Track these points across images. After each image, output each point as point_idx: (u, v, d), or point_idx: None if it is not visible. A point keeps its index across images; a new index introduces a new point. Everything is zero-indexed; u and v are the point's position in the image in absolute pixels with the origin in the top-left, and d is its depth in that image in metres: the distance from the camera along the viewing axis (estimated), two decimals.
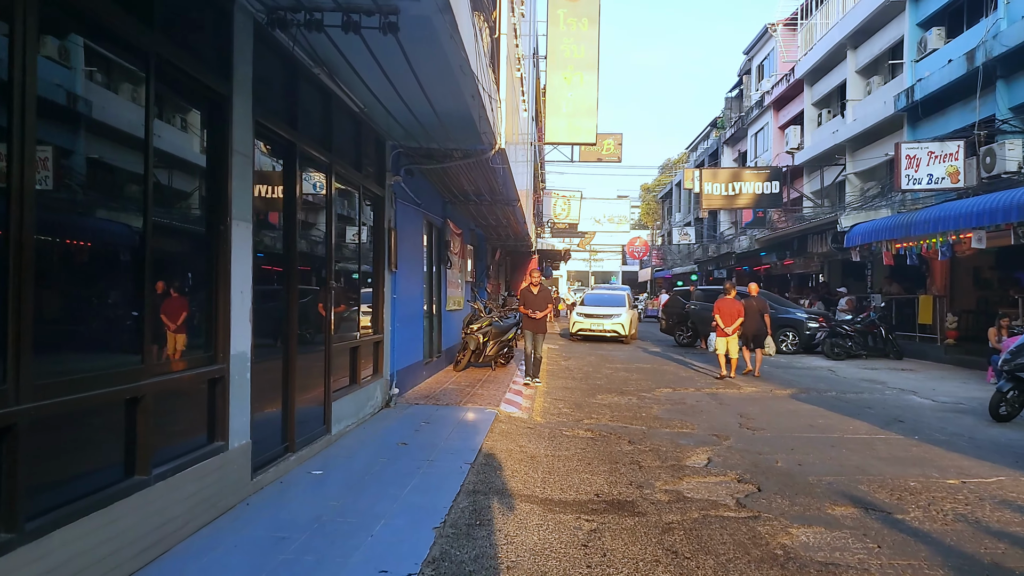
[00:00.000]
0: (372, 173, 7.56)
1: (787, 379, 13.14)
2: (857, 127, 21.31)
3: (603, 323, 20.47)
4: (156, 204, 3.54)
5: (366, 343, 7.26)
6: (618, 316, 20.51)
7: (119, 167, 3.55)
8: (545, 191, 32.12)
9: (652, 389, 11.29)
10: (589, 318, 20.72)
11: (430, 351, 10.98)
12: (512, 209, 12.90)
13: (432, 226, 11.21)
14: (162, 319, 3.74)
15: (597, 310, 20.98)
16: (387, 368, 7.96)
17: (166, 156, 3.88)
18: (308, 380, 5.66)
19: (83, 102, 3.26)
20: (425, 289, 10.88)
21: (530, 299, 10.79)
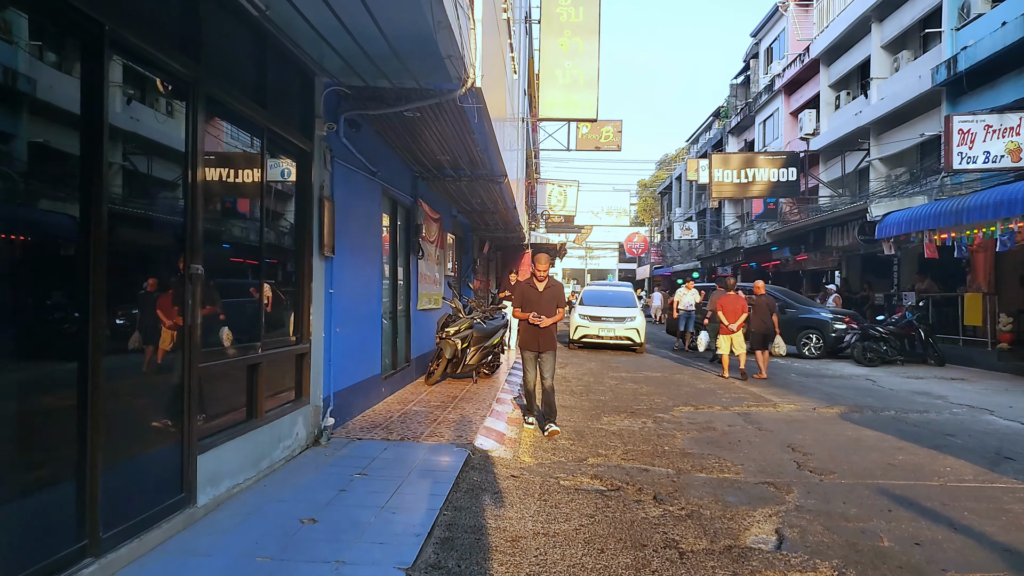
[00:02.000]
0: (291, 117, 5.40)
1: (824, 391, 11.03)
2: (884, 107, 19.22)
3: (613, 328, 16.44)
4: None
5: (277, 357, 5.10)
6: (631, 320, 16.50)
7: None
8: (539, 181, 29.98)
9: (669, 407, 9.16)
10: (595, 321, 16.53)
11: (394, 361, 8.81)
12: (499, 189, 10.74)
13: (398, 205, 9.03)
14: None
15: (604, 311, 16.79)
16: (317, 390, 5.79)
17: None
18: (143, 422, 3.50)
19: None
20: (387, 283, 8.71)
21: (532, 299, 7.15)
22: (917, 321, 15.26)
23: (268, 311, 5.09)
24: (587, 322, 16.67)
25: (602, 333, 16.42)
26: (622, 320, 16.51)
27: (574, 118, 15.67)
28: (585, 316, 16.84)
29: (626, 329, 16.35)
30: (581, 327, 16.76)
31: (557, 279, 7.38)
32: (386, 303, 8.59)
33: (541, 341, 7.14)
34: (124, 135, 3.36)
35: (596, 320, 16.59)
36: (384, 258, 8.21)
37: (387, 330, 8.57)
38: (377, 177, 7.69)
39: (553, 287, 7.30)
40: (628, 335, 16.34)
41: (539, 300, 7.15)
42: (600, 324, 16.52)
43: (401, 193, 9.04)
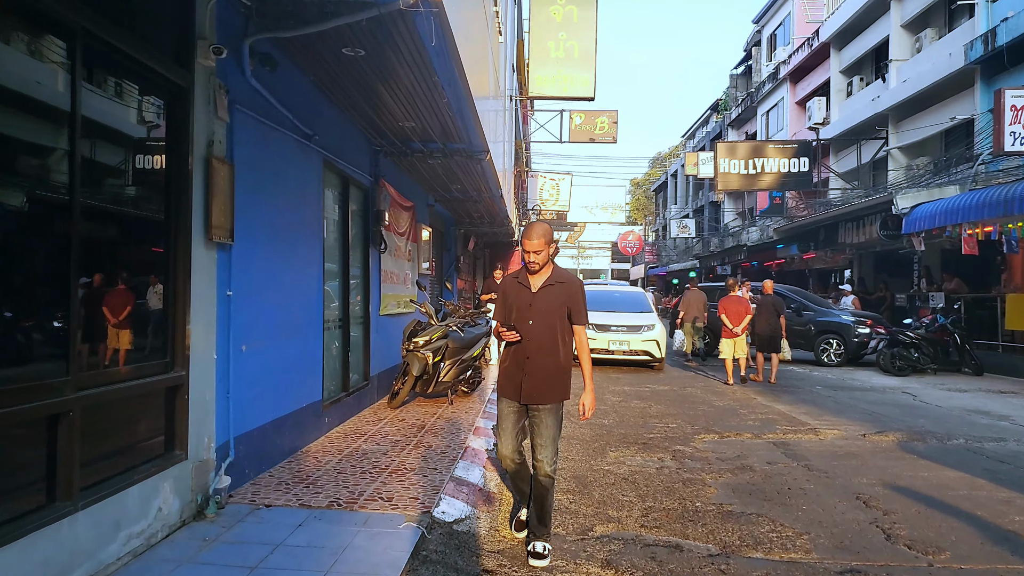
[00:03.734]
0: (153, 33, 3.60)
1: (863, 409, 9.34)
2: (906, 90, 17.58)
3: (627, 340, 13.00)
4: None
5: (117, 396, 3.30)
6: (648, 329, 13.12)
7: None
8: (530, 174, 28.24)
9: (688, 435, 7.41)
10: (602, 331, 13.03)
11: (344, 382, 7.01)
12: (480, 169, 8.97)
13: (350, 184, 7.23)
14: None
15: (613, 318, 13.32)
16: (203, 437, 4.00)
17: None
18: None
19: None
20: (335, 283, 6.92)
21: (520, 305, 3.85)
22: (951, 325, 13.61)
23: (111, 323, 3.30)
24: (591, 332, 12.59)
25: (612, 347, 12.91)
26: (637, 330, 13.01)
27: (568, 96, 13.89)
28: (591, 325, 13.92)
29: (643, 341, 12.92)
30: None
31: (569, 272, 4.06)
32: (333, 308, 6.79)
33: (536, 385, 3.77)
34: None
35: (603, 329, 12.98)
36: (326, 250, 6.41)
37: (334, 342, 6.77)
38: (315, 143, 5.89)
39: (563, 285, 3.86)
40: (646, 348, 12.92)
41: (533, 307, 3.79)
42: (609, 335, 12.95)
43: (354, 170, 7.24)
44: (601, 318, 13.13)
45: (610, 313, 13.52)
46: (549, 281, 3.86)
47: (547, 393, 3.82)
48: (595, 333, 12.77)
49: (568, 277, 3.97)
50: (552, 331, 3.83)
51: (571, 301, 3.90)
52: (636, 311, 13.85)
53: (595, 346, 12.58)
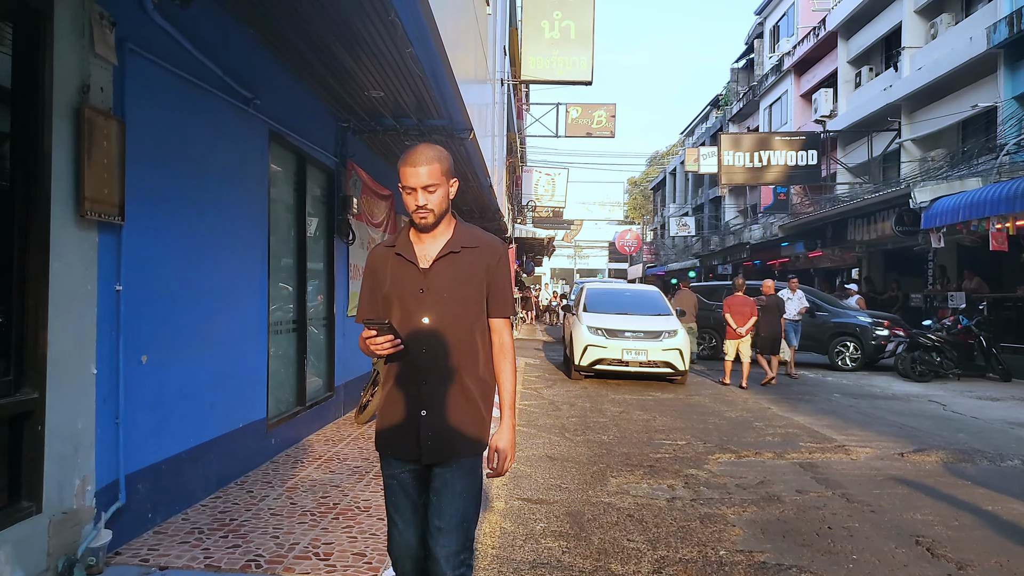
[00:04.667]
0: None
1: (892, 421, 8.38)
2: (921, 78, 16.64)
3: (645, 348, 10.68)
4: None
5: None
6: (670, 336, 10.86)
7: None
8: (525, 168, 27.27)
9: (700, 454, 6.43)
10: (614, 338, 10.79)
11: (299, 394, 6.01)
12: (464, 151, 7.97)
13: (308, 164, 6.22)
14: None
15: (626, 322, 11.12)
16: (72, 479, 2.99)
17: None
18: None
19: None
20: (293, 280, 5.93)
21: (404, 284, 2.25)
22: (977, 327, 12.66)
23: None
24: (601, 339, 10.77)
25: (628, 356, 10.65)
26: (656, 336, 10.78)
27: (563, 80, 12.91)
28: (597, 330, 10.88)
29: (664, 351, 10.66)
30: (593, 347, 10.76)
31: (484, 232, 2.40)
32: (285, 308, 5.79)
33: (441, 430, 2.24)
34: None
35: (615, 336, 10.79)
36: (274, 240, 5.40)
37: (286, 348, 5.77)
38: (258, 111, 4.90)
39: (474, 251, 2.28)
40: (667, 359, 10.66)
41: (427, 292, 2.23)
42: (623, 343, 10.70)
43: (315, 147, 6.24)
44: (612, 322, 11.08)
45: (623, 316, 11.40)
46: (451, 247, 2.25)
47: (458, 441, 2.24)
48: (606, 340, 10.73)
49: (484, 239, 2.35)
50: (463, 331, 2.25)
51: (491, 277, 2.28)
52: (653, 314, 11.72)
53: (606, 355, 10.67)
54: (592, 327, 10.95)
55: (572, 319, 12.26)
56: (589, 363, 10.81)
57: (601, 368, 10.87)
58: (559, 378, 11.74)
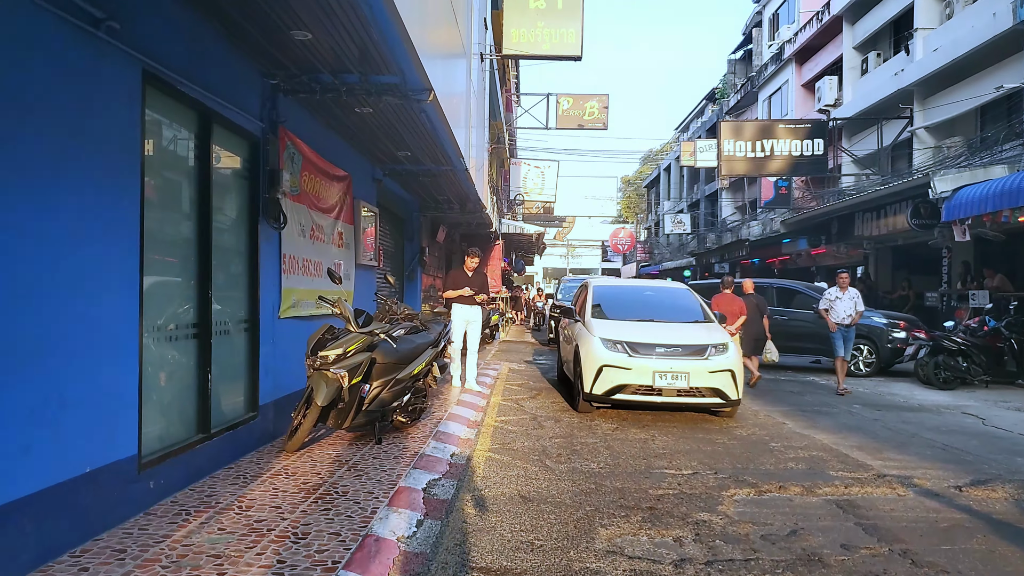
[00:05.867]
0: None
1: (929, 439, 7.15)
2: (937, 61, 15.45)
3: (687, 371, 7.51)
4: None
5: None
6: (719, 352, 7.78)
7: None
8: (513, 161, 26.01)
9: (713, 491, 5.15)
10: (644, 356, 7.62)
11: (200, 419, 4.69)
12: (427, 120, 6.68)
13: (214, 124, 4.89)
14: None
15: (655, 332, 8.06)
16: None
17: None
18: None
19: None
20: (192, 272, 4.61)
21: None
22: (1007, 329, 11.45)
23: None
24: (622, 356, 7.58)
25: (662, 381, 7.44)
26: (700, 353, 7.64)
27: (550, 54, 11.62)
28: (616, 344, 7.71)
29: (711, 373, 7.52)
30: (612, 368, 7.56)
31: None
32: (179, 310, 4.48)
33: None
34: None
35: (643, 352, 7.60)
36: (151, 220, 4.08)
37: (176, 360, 4.45)
38: (120, 40, 3.59)
39: None
40: (715, 385, 7.53)
41: None
42: (654, 362, 7.51)
43: (226, 105, 4.93)
44: (636, 332, 7.89)
45: (648, 325, 8.28)
46: None
47: None
48: (630, 359, 7.52)
49: None
50: None
51: None
52: (687, 320, 8.70)
53: (630, 380, 7.48)
54: (608, 340, 7.69)
55: (574, 328, 8.84)
56: (606, 391, 7.53)
57: (623, 398, 7.60)
58: (544, 387, 10.46)
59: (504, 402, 8.89)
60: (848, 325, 10.57)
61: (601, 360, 7.65)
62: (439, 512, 4.37)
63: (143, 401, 3.88)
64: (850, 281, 10.89)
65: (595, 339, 7.86)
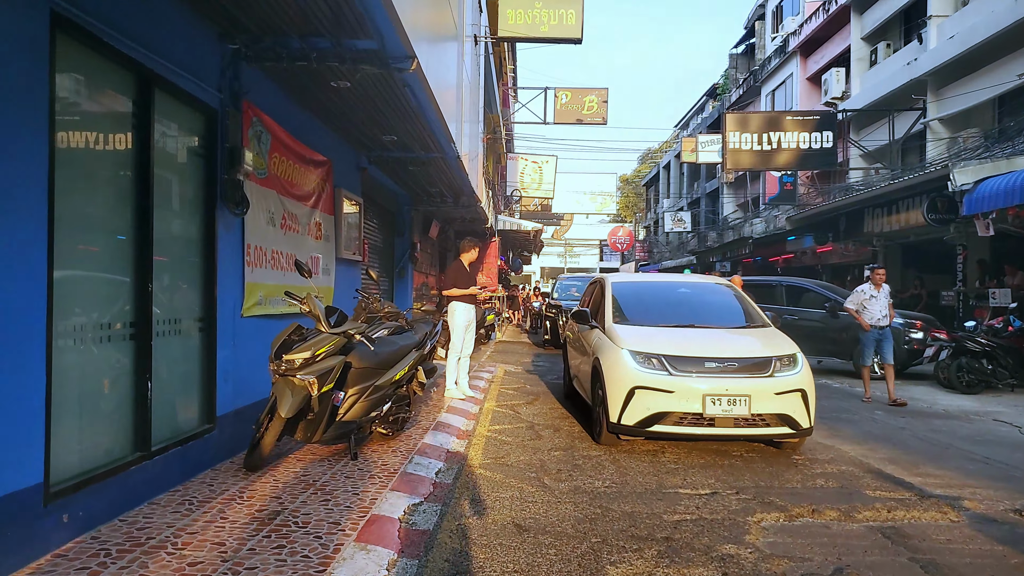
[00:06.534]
0: None
1: (967, 452, 6.48)
2: (953, 49, 14.80)
3: (747, 393, 5.72)
4: None
5: None
6: (786, 365, 6.00)
7: None
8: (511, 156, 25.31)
9: (738, 516, 4.46)
10: (689, 372, 5.81)
11: (138, 433, 3.98)
12: (412, 97, 5.98)
13: (155, 87, 4.18)
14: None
15: (702, 343, 6.27)
16: None
17: None
18: None
19: None
20: (128, 263, 3.91)
21: None
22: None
23: None
24: (660, 376, 5.83)
25: (715, 407, 5.70)
26: (763, 369, 5.93)
27: (547, 37, 10.93)
28: (651, 358, 5.96)
29: (779, 395, 5.80)
30: (647, 391, 5.80)
31: None
32: (109, 304, 3.78)
33: None
34: None
35: (689, 369, 5.86)
36: (62, 200, 3.37)
37: (104, 365, 3.74)
38: None
39: None
40: (784, 410, 5.82)
41: None
42: (703, 381, 5.78)
43: (173, 68, 4.22)
44: (677, 343, 6.14)
45: (690, 332, 6.55)
46: None
47: None
48: (671, 378, 5.77)
49: None
50: None
51: None
52: (735, 324, 6.98)
53: (673, 407, 5.71)
54: (640, 353, 5.94)
55: (589, 337, 7.07)
56: (639, 421, 5.75)
57: (663, 430, 5.79)
58: (541, 391, 9.77)
59: (499, 408, 8.19)
60: (884, 327, 9.71)
61: (632, 380, 5.81)
62: (417, 548, 3.67)
63: (53, 416, 3.18)
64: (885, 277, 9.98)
65: (622, 352, 6.03)
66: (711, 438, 6.15)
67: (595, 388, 6.51)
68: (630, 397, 5.84)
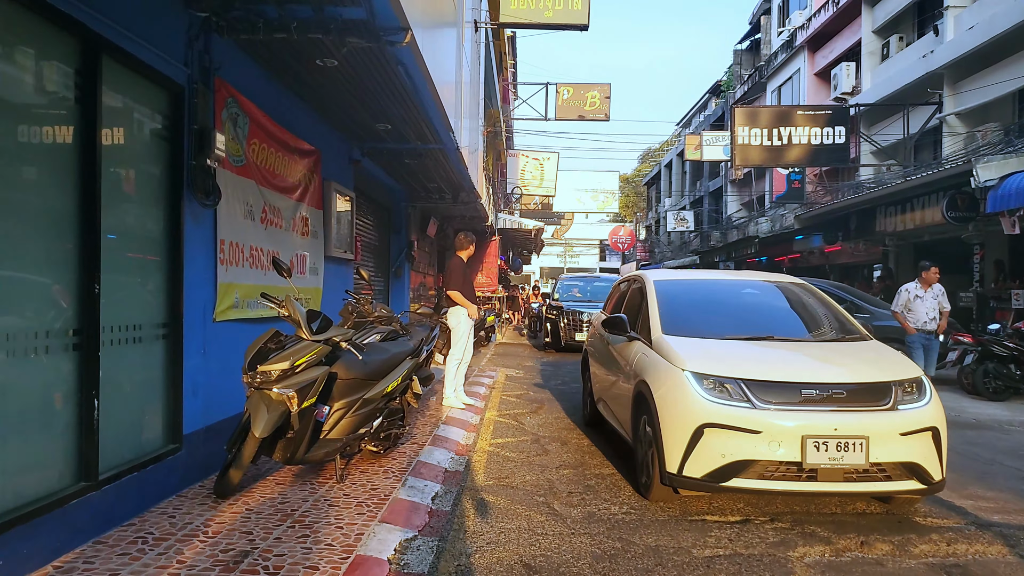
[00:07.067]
0: None
1: (1014, 470, 5.89)
2: (972, 40, 14.25)
3: (867, 434, 4.13)
4: None
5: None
6: (911, 394, 4.40)
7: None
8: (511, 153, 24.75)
9: (776, 548, 3.88)
10: (782, 404, 4.20)
11: (81, 459, 3.41)
12: (406, 76, 5.41)
13: (103, 54, 3.60)
14: None
15: (794, 364, 4.63)
16: None
17: None
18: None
19: None
20: (70, 260, 3.32)
21: None
22: None
23: None
24: (742, 410, 4.21)
25: (819, 456, 4.09)
26: (879, 398, 4.33)
27: (552, 23, 10.34)
28: (724, 383, 4.35)
29: (904, 436, 4.22)
30: (723, 431, 4.20)
31: None
32: (43, 310, 3.20)
33: None
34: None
35: (778, 402, 4.23)
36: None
37: (35, 382, 3.16)
38: None
39: None
40: (912, 458, 4.23)
41: None
42: (802, 418, 4.17)
43: (129, 35, 3.65)
44: (759, 360, 4.68)
45: (772, 347, 5.02)
46: None
47: None
48: (755, 413, 4.19)
49: None
50: None
51: None
52: (827, 335, 5.37)
53: (757, 453, 4.14)
54: (709, 377, 4.40)
55: (628, 351, 5.47)
56: (712, 472, 4.21)
57: (746, 485, 4.22)
58: (545, 397, 9.19)
59: (500, 419, 7.61)
60: (931, 332, 8.65)
61: (701, 414, 4.23)
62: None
63: None
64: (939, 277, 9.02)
65: (683, 375, 4.42)
66: (812, 495, 4.62)
67: (639, 421, 4.90)
68: (697, 438, 4.21)
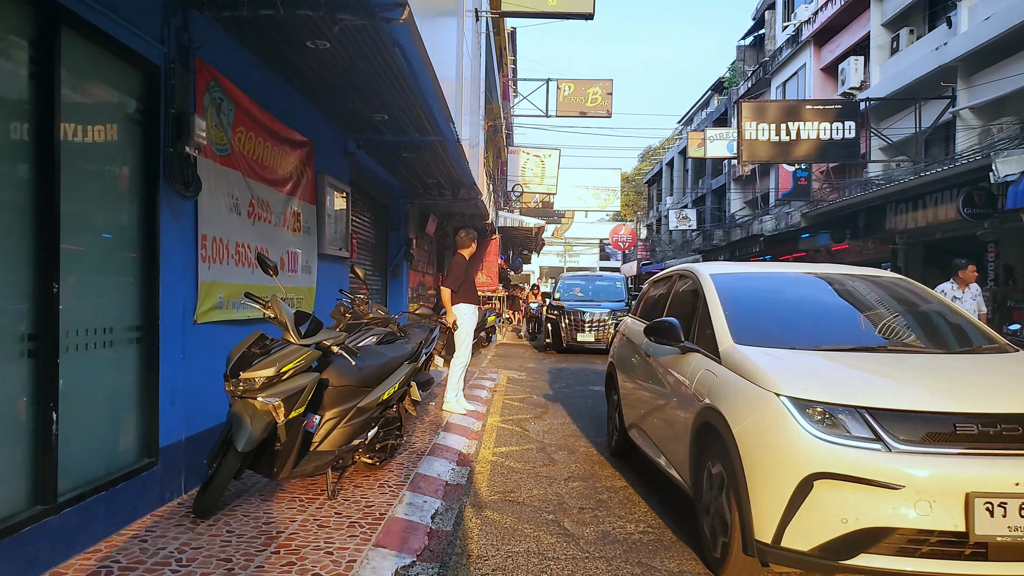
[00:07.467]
0: None
1: None
2: (988, 31, 13.83)
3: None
4: None
5: None
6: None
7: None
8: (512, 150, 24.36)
9: None
10: (913, 444, 2.76)
11: (37, 480, 3.02)
12: (403, 59, 5.03)
13: (62, 24, 3.21)
14: None
15: (934, 386, 3.09)
16: None
17: None
18: None
19: None
20: (26, 261, 2.93)
21: None
22: None
23: None
24: (867, 452, 2.77)
25: (993, 524, 2.60)
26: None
27: (556, 11, 9.94)
28: (837, 414, 2.89)
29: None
30: (843, 487, 2.75)
31: None
32: (4, 312, 2.82)
33: None
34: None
35: (921, 440, 2.78)
36: None
37: None
38: None
39: None
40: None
41: None
42: (959, 467, 2.70)
43: (91, 4, 3.26)
44: (886, 381, 3.15)
45: (893, 359, 3.54)
46: None
47: None
48: (892, 458, 2.77)
49: None
50: None
51: None
52: (956, 345, 3.94)
53: (894, 519, 2.69)
54: (816, 405, 2.98)
55: (684, 365, 4.08)
56: (828, 544, 2.79)
57: (879, 565, 2.73)
58: (549, 402, 8.80)
59: (504, 424, 7.23)
60: None
61: (809, 459, 2.87)
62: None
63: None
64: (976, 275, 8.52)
65: (779, 402, 3.06)
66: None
67: (702, 463, 3.59)
68: (804, 494, 2.85)
